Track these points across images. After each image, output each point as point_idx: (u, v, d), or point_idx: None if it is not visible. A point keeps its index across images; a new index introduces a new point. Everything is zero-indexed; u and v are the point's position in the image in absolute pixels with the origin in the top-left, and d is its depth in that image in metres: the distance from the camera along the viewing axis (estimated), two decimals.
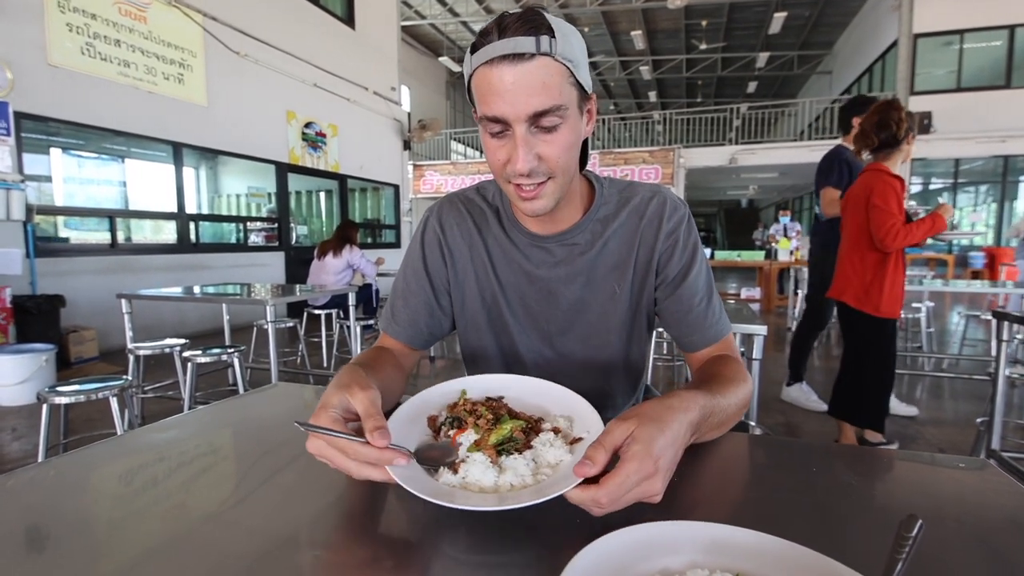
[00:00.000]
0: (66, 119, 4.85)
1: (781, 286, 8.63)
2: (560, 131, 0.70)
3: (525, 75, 0.66)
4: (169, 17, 5.71)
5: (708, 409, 0.60)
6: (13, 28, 4.42)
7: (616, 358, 0.90)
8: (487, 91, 0.68)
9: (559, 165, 0.72)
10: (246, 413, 0.88)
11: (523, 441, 0.57)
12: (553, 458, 0.55)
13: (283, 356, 4.51)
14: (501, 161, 0.72)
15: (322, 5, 8.06)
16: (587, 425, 0.59)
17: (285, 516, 0.53)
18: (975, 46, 10.26)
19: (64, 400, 2.00)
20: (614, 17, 13.65)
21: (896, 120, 2.28)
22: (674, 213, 0.85)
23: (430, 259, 0.90)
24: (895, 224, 2.19)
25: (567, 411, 0.63)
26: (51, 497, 0.57)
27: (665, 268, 0.85)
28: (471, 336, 0.93)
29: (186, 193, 6.10)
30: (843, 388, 2.51)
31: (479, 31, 0.69)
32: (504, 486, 0.52)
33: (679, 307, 0.84)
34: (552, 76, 0.67)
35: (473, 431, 0.58)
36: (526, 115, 0.67)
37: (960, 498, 0.58)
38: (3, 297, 3.98)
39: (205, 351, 2.78)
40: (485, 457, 0.54)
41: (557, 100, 0.67)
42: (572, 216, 0.85)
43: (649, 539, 0.41)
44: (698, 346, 0.85)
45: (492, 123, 0.69)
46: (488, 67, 0.67)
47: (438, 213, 0.92)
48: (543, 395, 0.67)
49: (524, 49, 0.65)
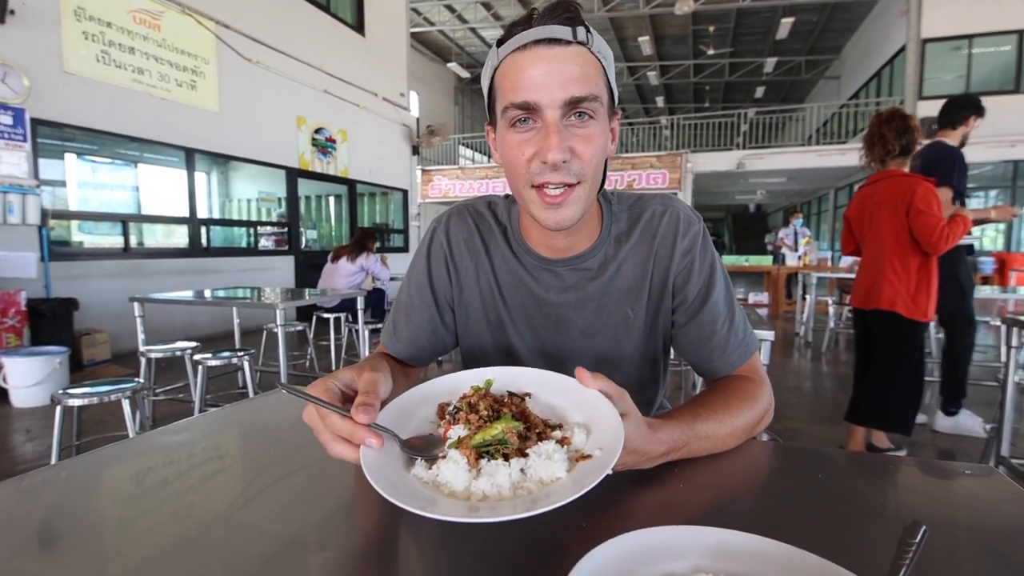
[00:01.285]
0: (81, 125, 4.93)
1: (789, 291, 8.59)
2: (592, 128, 0.66)
3: (563, 60, 0.62)
4: (182, 25, 5.80)
5: (680, 442, 0.61)
6: (30, 36, 4.51)
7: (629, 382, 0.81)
8: (518, 77, 0.64)
9: (590, 166, 0.67)
10: (256, 416, 0.88)
11: (516, 446, 0.50)
12: (547, 474, 0.47)
13: (292, 360, 4.55)
14: (526, 157, 0.66)
15: (333, 12, 8.15)
16: (603, 441, 0.50)
17: (296, 519, 0.53)
18: (984, 51, 10.18)
19: (77, 402, 2.03)
20: (622, 23, 13.69)
21: (915, 127, 2.29)
22: (688, 229, 0.79)
23: (435, 274, 0.85)
24: (943, 226, 2.17)
25: (590, 419, 0.55)
26: (66, 498, 0.58)
27: (683, 290, 0.79)
28: (475, 354, 0.88)
29: (198, 198, 6.18)
30: (873, 395, 2.46)
31: (508, 25, 0.66)
32: (476, 493, 0.46)
33: (700, 333, 0.79)
34: (588, 67, 0.64)
35: (463, 426, 0.53)
36: (562, 100, 0.63)
37: (966, 505, 0.57)
38: (18, 300, 4.04)
39: (215, 354, 2.81)
40: (462, 456, 0.49)
41: (593, 90, 0.64)
42: (584, 238, 0.79)
43: (653, 544, 0.41)
44: (720, 373, 0.79)
45: (520, 110, 0.64)
46: (520, 52, 0.64)
47: (446, 225, 0.86)
48: (574, 398, 0.58)
49: (561, 35, 0.62)
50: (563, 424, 0.55)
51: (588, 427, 0.54)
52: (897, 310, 2.31)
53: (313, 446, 0.55)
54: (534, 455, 0.49)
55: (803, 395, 3.80)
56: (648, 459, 0.59)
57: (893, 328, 2.34)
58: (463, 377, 0.63)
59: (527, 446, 0.50)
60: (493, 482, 0.46)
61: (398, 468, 0.50)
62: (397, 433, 0.53)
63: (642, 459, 0.58)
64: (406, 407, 0.59)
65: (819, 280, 5.98)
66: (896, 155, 2.32)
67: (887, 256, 2.33)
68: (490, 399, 0.56)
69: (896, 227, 2.29)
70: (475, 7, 13.30)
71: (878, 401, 2.44)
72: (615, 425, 0.50)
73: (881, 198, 2.35)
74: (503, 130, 0.68)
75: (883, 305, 2.33)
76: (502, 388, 0.60)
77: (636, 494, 0.58)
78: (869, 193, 2.44)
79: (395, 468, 0.49)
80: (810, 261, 8.27)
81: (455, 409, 0.56)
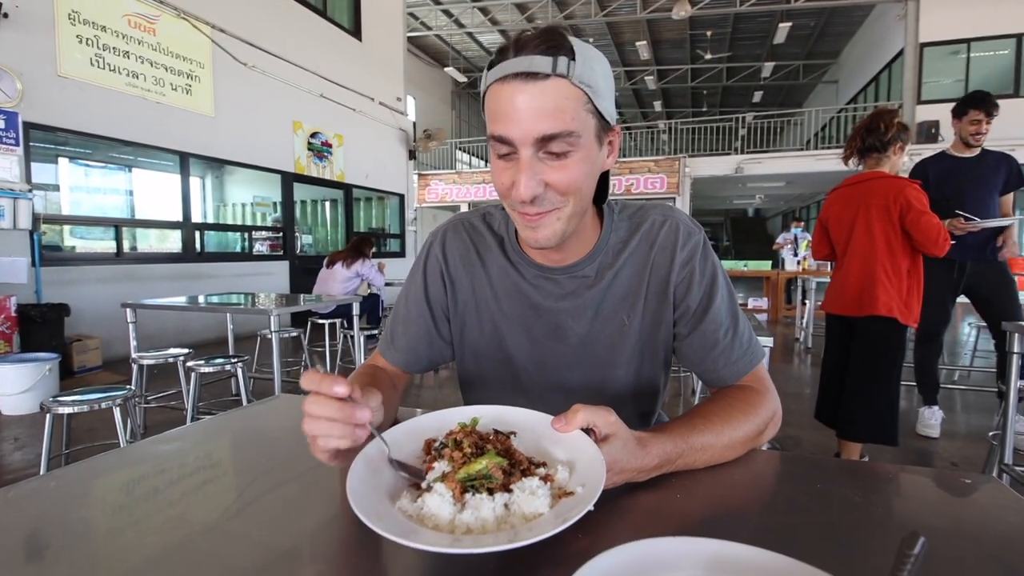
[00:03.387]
0: (75, 129, 4.90)
1: (788, 296, 8.57)
2: (571, 159, 0.66)
3: (537, 96, 0.62)
4: (178, 29, 5.78)
5: (674, 455, 0.62)
6: (24, 39, 4.48)
7: (625, 391, 0.85)
8: (496, 110, 0.65)
9: (570, 190, 0.68)
10: (249, 424, 0.89)
11: (500, 481, 0.51)
12: (529, 509, 0.49)
13: (286, 366, 4.50)
14: (506, 185, 0.68)
15: (329, 17, 8.15)
16: (585, 478, 0.52)
17: (288, 529, 0.53)
18: (982, 55, 10.22)
19: (67, 410, 1.99)
20: (619, 28, 13.74)
21: (886, 123, 2.22)
22: (688, 240, 0.80)
23: (431, 287, 0.88)
24: (937, 225, 2.15)
25: (572, 456, 0.57)
26: (55, 509, 0.57)
27: (684, 300, 0.80)
28: (469, 364, 0.90)
29: (192, 202, 6.15)
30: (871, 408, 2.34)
31: (497, 48, 0.66)
32: (460, 526, 0.47)
33: (703, 343, 0.80)
34: (566, 100, 0.63)
35: (447, 463, 0.54)
36: (533, 138, 0.63)
37: (966, 515, 0.57)
38: (8, 306, 4.00)
39: (208, 361, 2.78)
40: (448, 490, 0.50)
41: (568, 126, 0.64)
42: (581, 248, 0.81)
43: (649, 555, 0.40)
44: (726, 382, 0.80)
45: (500, 144, 0.66)
46: (500, 84, 0.64)
47: (441, 239, 0.89)
48: (557, 436, 0.59)
49: (538, 68, 0.62)
50: (547, 462, 0.57)
51: (571, 464, 0.56)
52: (894, 315, 2.25)
53: (306, 455, 0.55)
54: (518, 490, 0.50)
55: (803, 401, 3.75)
56: (640, 473, 0.60)
57: (889, 334, 2.28)
58: (451, 415, 0.66)
59: (511, 481, 0.51)
60: (477, 515, 0.48)
61: (383, 499, 0.51)
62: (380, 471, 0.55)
63: (634, 475, 0.59)
64: (395, 442, 0.60)
65: (819, 285, 5.95)
66: (862, 152, 2.30)
67: (879, 260, 2.26)
68: (476, 436, 0.57)
69: (887, 230, 2.24)
70: (472, 12, 13.33)
71: (872, 414, 2.34)
72: (596, 463, 0.52)
73: (867, 200, 2.29)
74: (491, 154, 0.70)
75: (879, 311, 2.25)
76: (489, 426, 0.62)
77: (632, 504, 0.58)
78: (849, 195, 2.38)
79: (381, 499, 0.50)
80: (809, 266, 8.25)
81: (441, 445, 0.58)
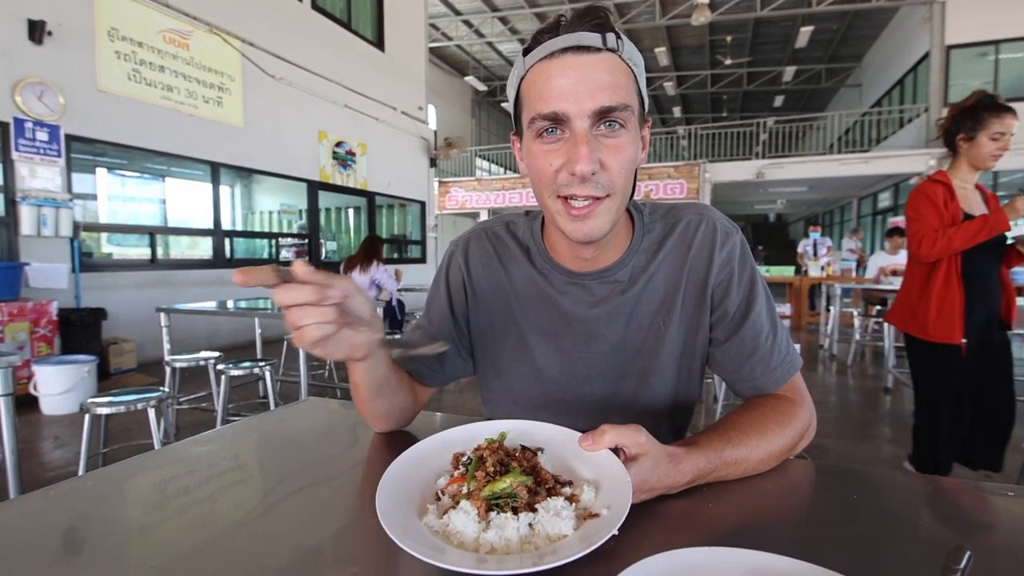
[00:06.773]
0: (112, 141, 5.09)
1: (812, 302, 8.42)
2: (623, 137, 0.63)
3: (593, 68, 0.60)
4: (210, 43, 5.97)
5: (707, 470, 0.60)
6: (66, 56, 4.69)
7: (662, 402, 0.79)
8: (545, 86, 0.61)
9: (619, 178, 0.64)
10: (280, 427, 0.90)
11: (525, 500, 0.50)
12: (554, 530, 0.47)
13: (312, 370, 4.58)
14: (554, 167, 0.63)
15: (353, 29, 8.32)
16: (610, 500, 0.50)
17: (316, 531, 0.53)
18: (1011, 56, 9.96)
19: (105, 410, 2.06)
20: (638, 35, 13.72)
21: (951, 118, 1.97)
22: (727, 240, 0.75)
23: (455, 299, 0.85)
24: (920, 230, 1.93)
25: (599, 476, 0.55)
26: (94, 508, 0.59)
27: (722, 304, 0.75)
28: (490, 377, 0.86)
29: (222, 210, 6.33)
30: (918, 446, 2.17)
31: (534, 33, 0.64)
32: (485, 545, 0.47)
33: (742, 349, 0.74)
34: (619, 75, 0.61)
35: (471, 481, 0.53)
36: (591, 110, 0.60)
37: (1009, 528, 0.54)
38: (49, 310, 4.16)
39: (237, 364, 2.86)
40: (473, 508, 0.49)
41: (624, 99, 0.61)
42: (615, 250, 0.76)
43: (688, 565, 0.40)
44: (763, 391, 0.75)
45: (547, 121, 0.62)
46: (547, 62, 0.61)
47: (464, 248, 0.85)
48: (584, 453, 0.57)
49: (590, 43, 0.60)
50: (573, 481, 0.55)
51: (597, 484, 0.54)
52: (893, 321, 2.16)
53: (336, 460, 0.56)
54: (543, 510, 0.49)
55: (828, 410, 3.69)
56: (672, 489, 0.58)
57: (907, 347, 2.14)
58: (479, 428, 0.65)
59: (536, 501, 0.50)
60: (502, 535, 0.47)
61: (411, 516, 0.51)
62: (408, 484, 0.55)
63: (665, 491, 0.57)
64: (424, 454, 0.61)
65: (843, 291, 5.86)
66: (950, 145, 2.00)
67: (907, 266, 2.14)
68: (502, 452, 0.56)
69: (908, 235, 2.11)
70: (492, 22, 13.47)
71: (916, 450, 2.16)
72: (623, 484, 0.51)
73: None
74: (530, 140, 0.66)
75: (891, 319, 2.20)
76: (516, 441, 0.61)
77: (663, 512, 0.57)
78: None
79: (409, 516, 0.51)
80: (833, 272, 8.11)
81: (468, 460, 0.57)
